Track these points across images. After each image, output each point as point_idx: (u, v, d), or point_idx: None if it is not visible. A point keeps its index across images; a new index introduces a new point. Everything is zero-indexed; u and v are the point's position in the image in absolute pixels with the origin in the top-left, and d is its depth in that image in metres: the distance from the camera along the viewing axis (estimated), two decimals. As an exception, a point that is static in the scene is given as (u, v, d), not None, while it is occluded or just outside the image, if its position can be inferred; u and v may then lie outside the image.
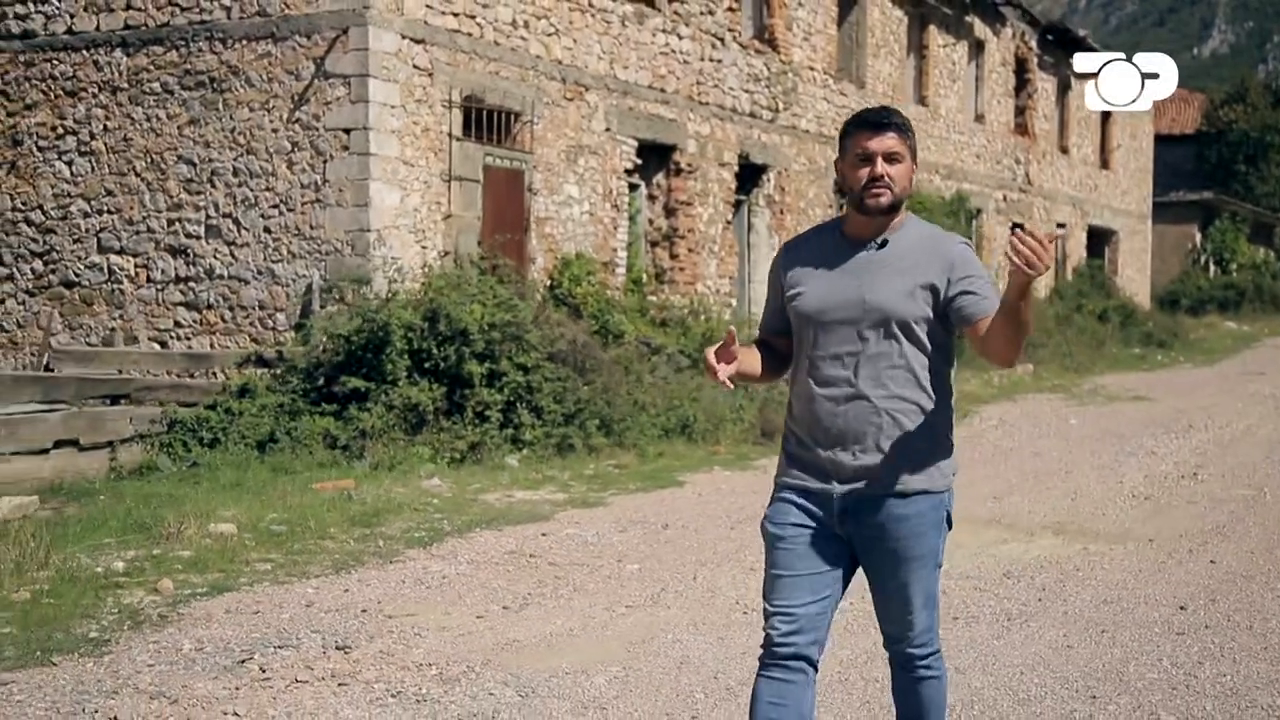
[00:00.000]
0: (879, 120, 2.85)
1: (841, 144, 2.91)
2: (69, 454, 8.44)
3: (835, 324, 2.81)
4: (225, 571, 6.02)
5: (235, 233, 10.80)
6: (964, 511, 7.63)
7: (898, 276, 2.80)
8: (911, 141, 2.88)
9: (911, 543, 2.79)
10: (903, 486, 2.78)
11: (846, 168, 2.87)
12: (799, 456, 2.89)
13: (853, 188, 2.85)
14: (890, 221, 2.87)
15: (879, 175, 2.80)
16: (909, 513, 2.78)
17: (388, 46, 10.55)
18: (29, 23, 11.40)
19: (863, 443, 2.79)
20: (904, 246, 2.84)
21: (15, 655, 4.73)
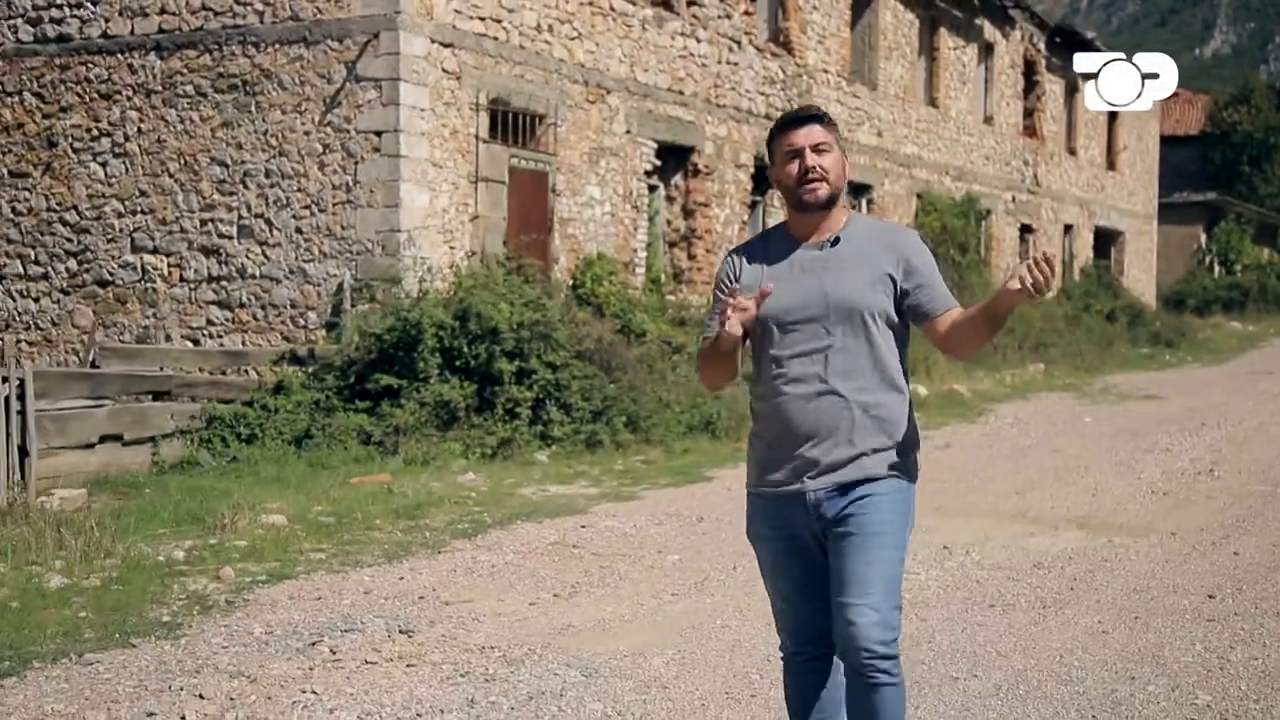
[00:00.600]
0: (801, 116, 2.89)
1: (770, 149, 2.93)
2: (114, 448, 8.65)
3: (800, 323, 2.82)
4: (281, 560, 6.24)
5: (267, 233, 11.01)
6: (989, 506, 7.88)
7: (856, 270, 2.82)
8: (837, 133, 2.89)
9: (876, 517, 2.76)
10: (872, 473, 2.79)
11: (779, 170, 2.89)
12: (769, 461, 2.89)
13: (789, 186, 2.86)
14: (832, 216, 2.87)
15: (810, 166, 2.81)
16: (876, 490, 2.78)
17: (417, 50, 10.76)
18: (64, 27, 11.61)
19: (835, 437, 2.79)
20: (857, 242, 2.86)
21: (95, 637, 4.95)
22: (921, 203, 20.42)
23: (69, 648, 4.80)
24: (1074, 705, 3.98)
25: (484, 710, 4.08)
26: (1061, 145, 26.96)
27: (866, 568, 2.73)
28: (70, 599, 5.42)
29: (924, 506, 7.70)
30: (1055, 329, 19.90)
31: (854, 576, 2.74)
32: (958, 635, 4.83)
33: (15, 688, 4.36)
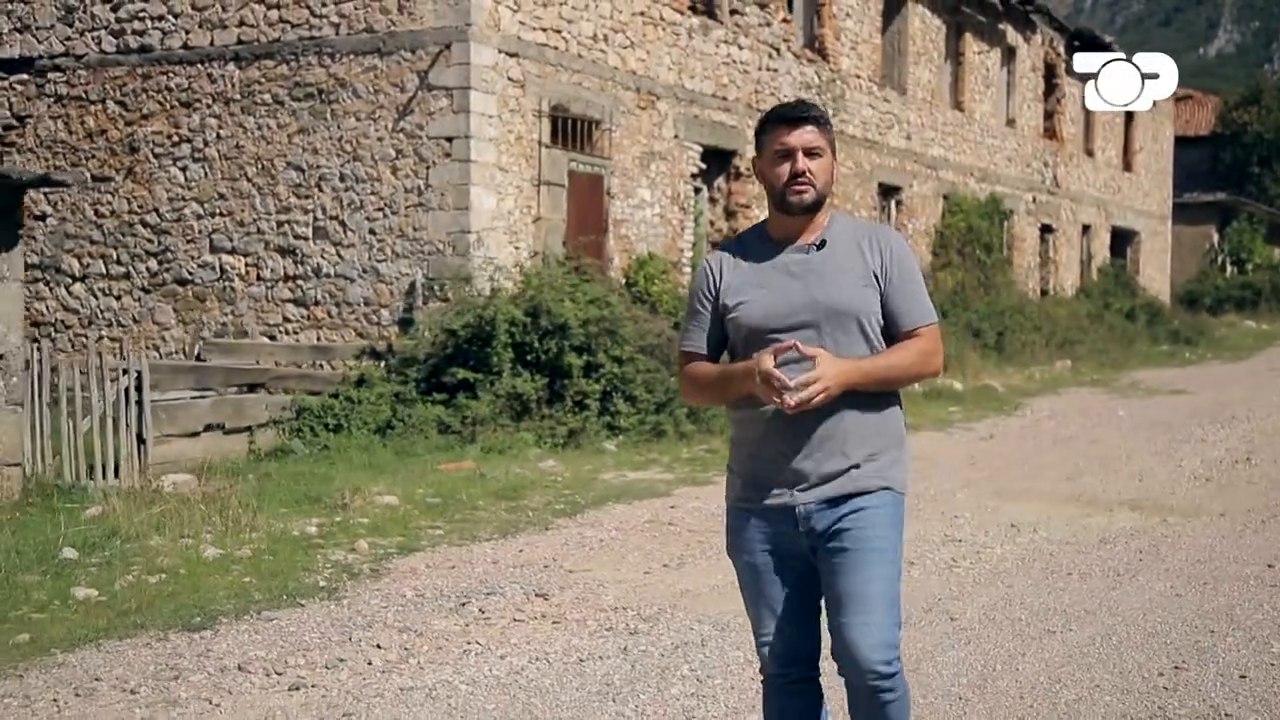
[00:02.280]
0: (797, 114, 2.76)
1: (759, 141, 2.81)
2: (216, 436, 9.21)
3: (788, 331, 2.71)
4: (404, 535, 6.78)
5: (342, 234, 11.56)
6: (1044, 490, 8.40)
7: (846, 272, 2.73)
8: (830, 135, 2.79)
9: (874, 532, 2.69)
10: (869, 484, 2.71)
11: (765, 166, 2.78)
12: (755, 474, 2.78)
13: (773, 185, 2.76)
14: (816, 221, 2.78)
15: (800, 171, 2.71)
16: (871, 504, 2.70)
17: (486, 60, 11.30)
18: (146, 38, 12.17)
19: (827, 448, 2.70)
20: (842, 244, 2.77)
21: (265, 599, 5.50)
22: (948, 204, 20.92)
23: (246, 606, 5.35)
24: (1163, 653, 4.51)
25: (638, 657, 4.62)
26: (1080, 147, 27.46)
27: (865, 585, 2.67)
28: (229, 567, 5.98)
29: (983, 490, 8.29)
30: (1080, 327, 20.41)
31: (853, 595, 2.67)
32: (1045, 597, 5.36)
33: (215, 638, 4.90)
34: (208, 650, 4.76)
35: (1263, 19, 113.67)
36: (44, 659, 4.65)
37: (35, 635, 4.89)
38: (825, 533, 2.71)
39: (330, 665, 4.59)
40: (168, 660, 4.64)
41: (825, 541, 2.71)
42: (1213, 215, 40.72)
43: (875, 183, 18.65)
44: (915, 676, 4.32)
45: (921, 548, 6.44)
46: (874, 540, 2.69)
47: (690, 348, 2.87)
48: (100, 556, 6.07)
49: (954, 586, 5.63)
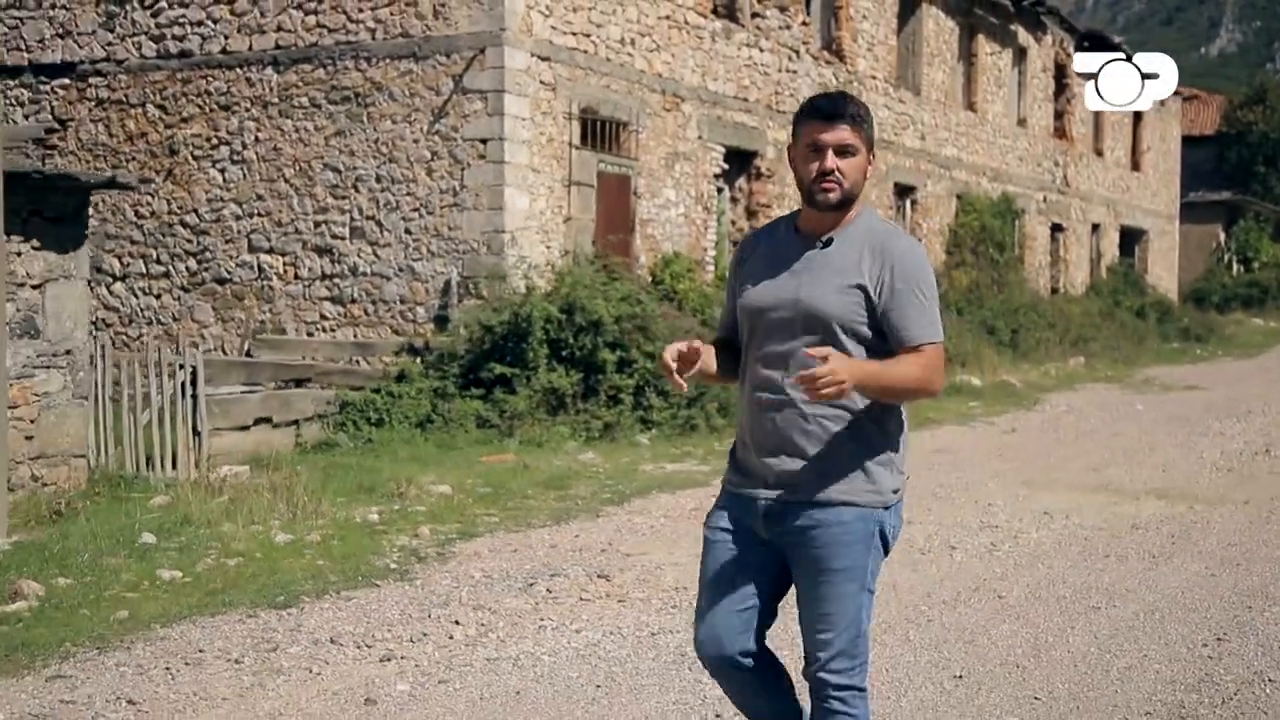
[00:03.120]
0: (833, 110, 2.69)
1: (794, 131, 2.75)
2: (265, 430, 9.48)
3: (773, 324, 2.70)
4: (461, 522, 7.06)
5: (378, 234, 11.84)
6: (1071, 480, 8.67)
7: (833, 275, 2.68)
8: (867, 133, 2.70)
9: (832, 552, 2.64)
10: (825, 496, 2.66)
11: (798, 158, 2.72)
12: (739, 460, 2.82)
13: (803, 179, 2.71)
14: (841, 218, 2.72)
15: (829, 169, 2.66)
16: (830, 521, 2.65)
17: (519, 64, 11.58)
18: (186, 43, 12.45)
19: (788, 449, 2.68)
20: (846, 245, 2.70)
21: (340, 580, 5.77)
22: (961, 203, 21.18)
23: (324, 587, 5.63)
24: (1204, 627, 4.79)
25: (706, 631, 4.89)
26: (1089, 146, 27.72)
27: (826, 604, 2.67)
28: (301, 551, 6.25)
29: (1012, 480, 8.57)
30: (1093, 324, 20.67)
31: (815, 610, 2.69)
32: (1085, 577, 5.64)
33: (302, 615, 5.18)
34: (298, 626, 5.04)
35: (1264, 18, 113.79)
36: (145, 633, 4.93)
37: (133, 612, 5.17)
38: (787, 534, 2.69)
39: (415, 639, 4.87)
40: (262, 634, 4.91)
41: (791, 547, 2.70)
42: (1219, 214, 40.97)
43: (891, 183, 18.92)
44: (972, 648, 4.61)
45: (960, 533, 6.72)
46: (832, 561, 2.65)
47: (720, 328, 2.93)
48: (177, 541, 6.35)
49: (997, 568, 5.90)
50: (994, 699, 4.01)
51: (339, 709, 4.10)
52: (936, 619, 5.00)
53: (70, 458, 7.71)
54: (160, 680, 4.37)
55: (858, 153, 2.69)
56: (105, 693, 4.23)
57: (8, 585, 5.46)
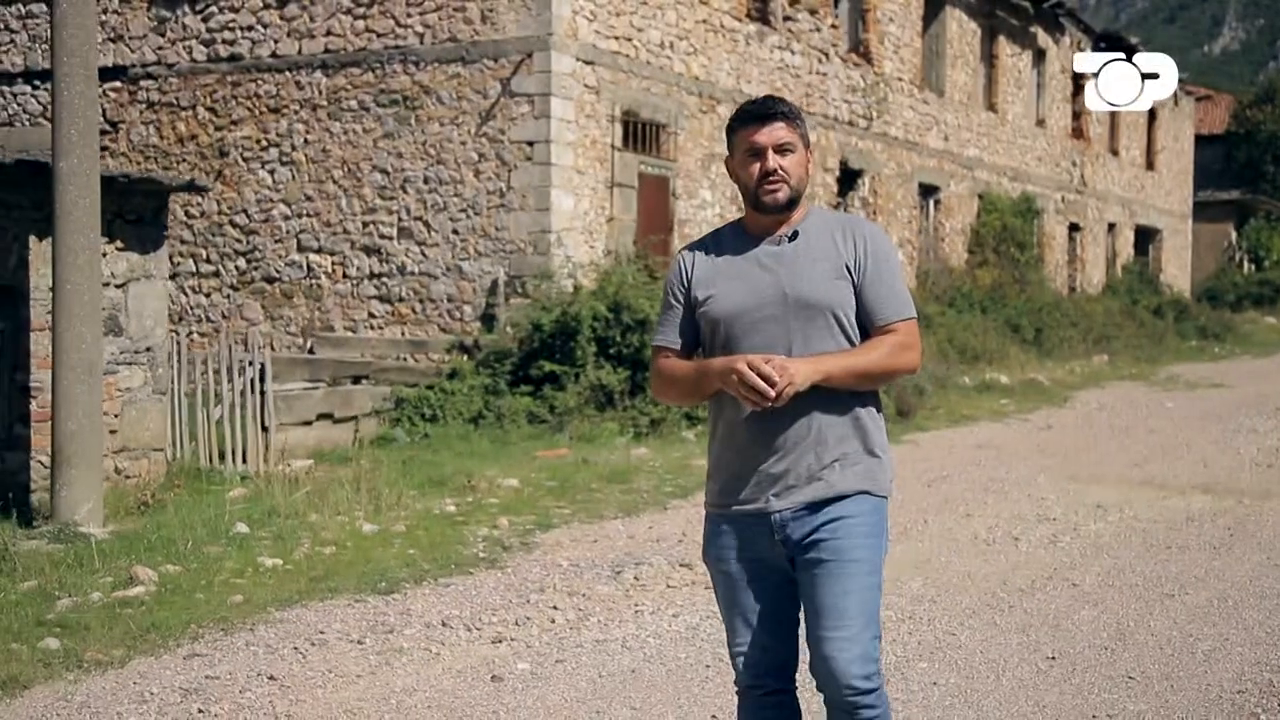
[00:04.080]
0: (765, 111, 2.67)
1: (729, 140, 2.72)
2: (326, 425, 9.73)
3: (759, 324, 2.61)
4: (535, 514, 7.30)
5: (425, 234, 12.09)
6: (1116, 475, 8.89)
7: (816, 264, 2.63)
8: (802, 129, 2.69)
9: (851, 543, 2.59)
10: (843, 489, 2.61)
11: (737, 165, 2.69)
12: (729, 477, 2.69)
13: (746, 185, 2.67)
14: (793, 217, 2.68)
15: (771, 169, 2.62)
16: (848, 511, 2.60)
17: (565, 68, 11.82)
18: (236, 47, 12.70)
19: (799, 450, 2.60)
20: (815, 233, 2.67)
21: (433, 568, 6.02)
22: (983, 203, 21.40)
23: (421, 574, 5.87)
24: (1278, 612, 5.01)
25: (799, 616, 5.13)
26: (1105, 146, 27.93)
27: (843, 597, 2.57)
28: (390, 541, 6.50)
29: (1059, 475, 8.81)
30: (1114, 323, 20.90)
31: (830, 607, 2.58)
32: (1153, 567, 5.87)
33: (406, 600, 5.43)
34: (407, 610, 5.28)
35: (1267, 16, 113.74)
36: (263, 616, 5.17)
37: (247, 596, 5.42)
38: (802, 542, 2.61)
39: (520, 623, 5.11)
40: (375, 618, 5.16)
41: (802, 552, 2.62)
42: (1230, 213, 41.15)
43: (916, 183, 19.15)
44: (1057, 632, 4.84)
45: (1021, 525, 6.95)
46: (852, 551, 2.58)
47: (662, 342, 2.76)
48: (268, 531, 6.59)
49: (1063, 558, 6.14)
50: (1089, 679, 4.25)
51: (468, 686, 4.34)
52: (1017, 605, 5.23)
53: (150, 451, 7.95)
54: (291, 659, 4.61)
55: (796, 149, 2.66)
56: (244, 670, 4.47)
57: (123, 571, 5.71)
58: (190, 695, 4.21)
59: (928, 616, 5.08)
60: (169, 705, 4.12)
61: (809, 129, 2.84)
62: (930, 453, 10.02)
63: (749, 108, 2.69)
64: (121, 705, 4.12)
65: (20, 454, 7.25)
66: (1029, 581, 5.64)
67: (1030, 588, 5.52)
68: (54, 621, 4.99)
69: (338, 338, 11.92)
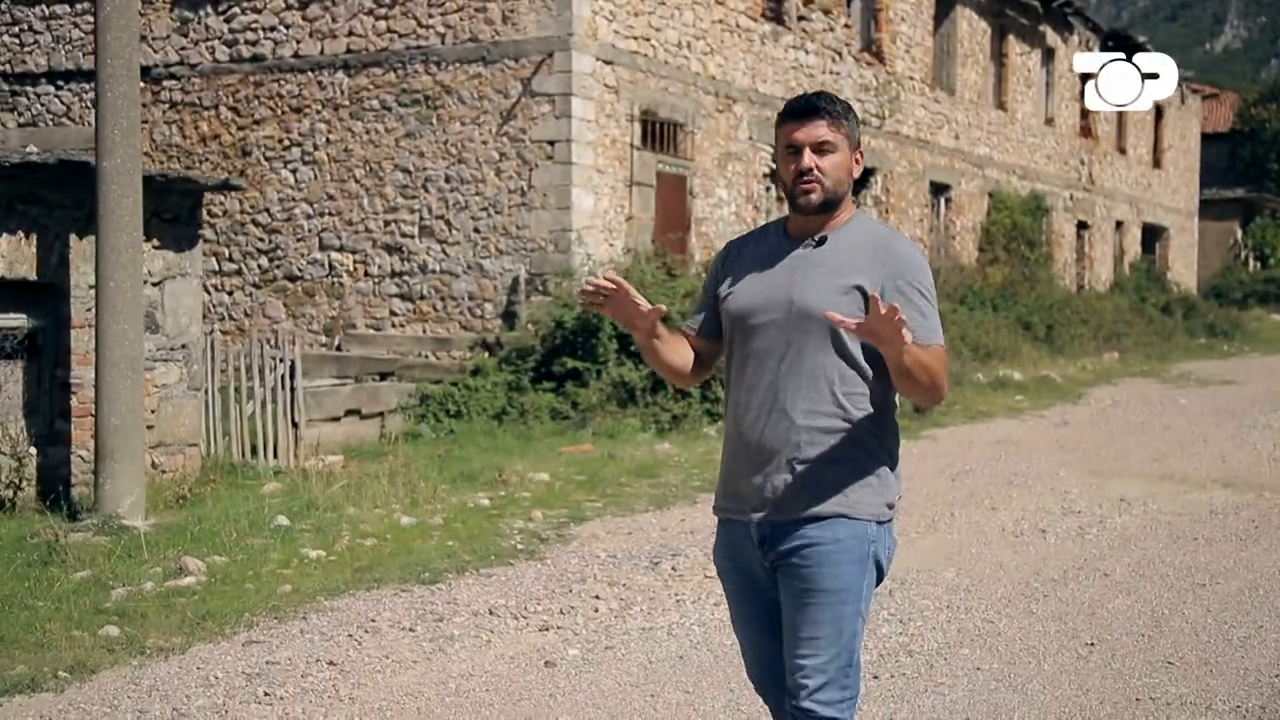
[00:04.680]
0: (806, 107, 2.58)
1: (775, 136, 2.66)
2: (353, 421, 9.85)
3: (763, 327, 2.54)
4: (567, 507, 7.41)
5: (447, 232, 12.20)
6: (1136, 470, 9.00)
7: (830, 276, 2.52)
8: (848, 129, 2.57)
9: (824, 572, 2.48)
10: (817, 510, 2.50)
11: (780, 161, 2.62)
12: (727, 480, 2.65)
13: (786, 183, 2.60)
14: (829, 220, 2.58)
15: (806, 168, 2.53)
16: (823, 537, 2.49)
17: (585, 68, 11.93)
18: (258, 48, 12.82)
19: (777, 461, 2.52)
20: (843, 244, 2.56)
21: (473, 559, 6.13)
22: (993, 201, 21.51)
23: (462, 565, 5.99)
24: (1308, 600, 5.14)
25: (838, 604, 5.24)
26: (1113, 145, 28.03)
27: (814, 627, 2.50)
28: (428, 533, 6.61)
29: (1079, 470, 8.91)
30: (1124, 320, 21.01)
31: (803, 634, 2.51)
32: (1181, 558, 5.99)
33: (451, 590, 5.54)
34: (453, 599, 5.40)
35: (1269, 14, 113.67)
36: (314, 604, 5.29)
37: (295, 586, 5.54)
38: (781, 558, 2.54)
39: (564, 611, 5.23)
40: (423, 607, 5.27)
41: (782, 570, 2.55)
42: (1236, 211, 41.26)
43: (927, 181, 19.25)
44: (1093, 620, 4.96)
45: (1047, 518, 7.07)
46: (823, 581, 2.49)
47: (685, 326, 2.74)
48: (308, 524, 6.71)
49: (1092, 550, 6.25)
50: (1129, 663, 4.37)
51: (522, 671, 4.45)
52: (1051, 594, 5.35)
53: (185, 446, 8.07)
54: (347, 645, 4.73)
55: (837, 150, 2.55)
56: (303, 655, 4.59)
57: (172, 562, 5.83)
58: (254, 679, 4.33)
59: (965, 605, 5.20)
60: (235, 689, 4.24)
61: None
62: (950, 448, 10.13)
63: (793, 103, 2.62)
64: (189, 689, 4.24)
65: (61, 449, 7.37)
66: (1060, 572, 5.76)
67: (1062, 578, 5.63)
68: (111, 610, 5.11)
69: (366, 335, 12.05)
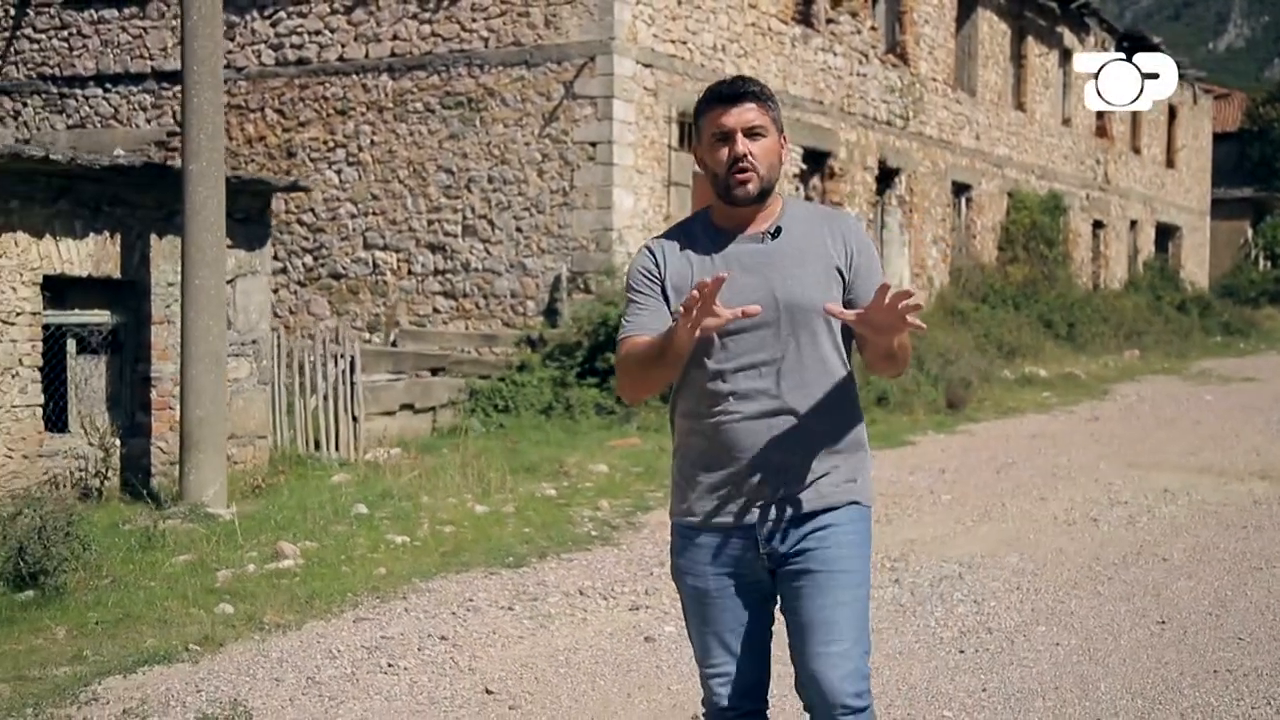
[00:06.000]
0: (734, 91, 2.45)
1: (696, 126, 2.52)
2: (407, 415, 10.12)
3: (746, 330, 2.42)
4: (630, 497, 7.67)
5: (489, 231, 12.47)
6: (1174, 462, 9.24)
7: (806, 265, 2.46)
8: (775, 113, 2.48)
9: (842, 554, 2.47)
10: (833, 500, 2.48)
11: (705, 152, 2.48)
12: (707, 489, 2.51)
13: (715, 174, 2.46)
14: (769, 209, 2.50)
15: (740, 154, 2.42)
16: (839, 521, 2.48)
17: (626, 71, 12.19)
18: (304, 51, 13.09)
19: (790, 461, 2.46)
20: (800, 232, 2.49)
21: (551, 545, 6.40)
22: (1012, 201, 21.75)
23: (542, 550, 6.25)
24: (1359, 581, 5.39)
25: (911, 586, 5.51)
26: (1128, 144, 28.26)
27: (834, 609, 2.44)
28: (503, 521, 6.88)
29: (1118, 462, 9.16)
30: (1143, 318, 21.25)
31: (820, 622, 2.44)
32: (1234, 544, 6.24)
33: (537, 573, 5.81)
34: (542, 581, 5.66)
35: (1273, 13, 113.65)
36: (410, 586, 5.55)
37: (390, 569, 5.80)
38: (789, 554, 2.47)
39: (649, 592, 5.48)
40: (515, 588, 5.54)
41: (787, 564, 2.48)
42: (1246, 210, 41.48)
43: (949, 181, 19.49)
44: (1159, 600, 5.21)
45: (1096, 508, 7.32)
46: (842, 561, 2.46)
47: (631, 331, 2.50)
48: (386, 511, 6.97)
49: (1146, 537, 6.50)
50: (1201, 639, 4.62)
51: (624, 645, 4.71)
52: (1115, 577, 5.60)
53: (255, 439, 8.34)
54: (453, 622, 4.99)
55: (767, 133, 2.46)
56: (414, 631, 4.85)
57: (266, 547, 6.10)
58: (374, 652, 4.59)
59: (1033, 587, 5.45)
60: (359, 660, 4.50)
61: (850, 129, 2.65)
62: (988, 442, 10.38)
63: (717, 88, 2.49)
64: (315, 660, 4.50)
65: (142, 440, 7.64)
66: (1120, 557, 6.01)
67: (1122, 562, 5.88)
68: (222, 590, 5.38)
69: (417, 331, 12.31)
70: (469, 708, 4.04)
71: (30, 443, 6.98)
